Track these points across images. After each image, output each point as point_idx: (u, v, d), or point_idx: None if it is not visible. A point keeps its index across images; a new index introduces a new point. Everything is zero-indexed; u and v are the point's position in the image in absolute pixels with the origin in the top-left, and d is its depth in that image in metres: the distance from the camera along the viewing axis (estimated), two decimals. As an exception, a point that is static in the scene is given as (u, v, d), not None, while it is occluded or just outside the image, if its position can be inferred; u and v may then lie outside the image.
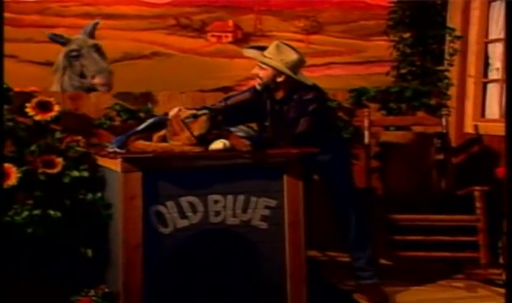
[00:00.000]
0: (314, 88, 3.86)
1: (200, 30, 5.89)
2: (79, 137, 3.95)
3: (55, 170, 3.68)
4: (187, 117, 3.50)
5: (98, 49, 4.64)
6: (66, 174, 3.70)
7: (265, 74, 3.81)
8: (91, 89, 4.50)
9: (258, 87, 3.87)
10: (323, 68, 6.12)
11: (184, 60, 5.86)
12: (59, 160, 3.72)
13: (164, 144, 3.45)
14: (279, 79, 3.80)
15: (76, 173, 3.71)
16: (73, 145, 3.88)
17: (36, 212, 3.53)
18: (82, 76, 4.56)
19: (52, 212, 3.55)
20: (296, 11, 6.15)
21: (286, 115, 3.83)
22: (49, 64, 5.75)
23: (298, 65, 3.83)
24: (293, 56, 3.80)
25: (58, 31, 5.81)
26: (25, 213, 3.53)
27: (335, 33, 6.14)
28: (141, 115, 4.20)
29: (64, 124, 3.95)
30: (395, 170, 4.48)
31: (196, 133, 3.46)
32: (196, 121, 3.49)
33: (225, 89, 5.53)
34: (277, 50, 3.80)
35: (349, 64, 6.10)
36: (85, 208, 3.66)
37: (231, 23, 6.00)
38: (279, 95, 3.86)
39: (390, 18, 5.26)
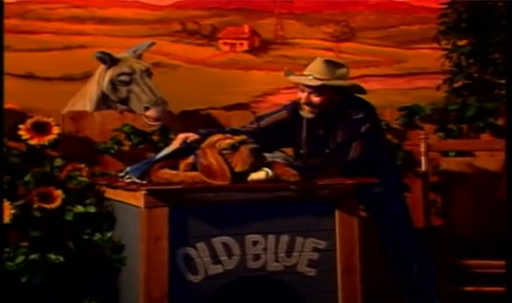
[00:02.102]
0: (363, 104, 3.82)
1: (210, 37, 5.90)
2: (82, 165, 3.90)
3: (53, 205, 3.65)
4: (225, 149, 3.39)
5: (150, 74, 4.49)
6: (68, 210, 3.66)
7: (322, 100, 3.73)
8: None
9: (310, 115, 3.78)
10: (356, 81, 6.11)
11: (191, 72, 5.87)
12: (58, 192, 3.68)
13: (194, 174, 3.37)
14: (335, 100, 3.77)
15: (80, 209, 3.69)
16: (75, 174, 3.84)
17: (33, 256, 3.48)
18: (123, 102, 4.40)
19: (52, 256, 3.50)
20: (324, 15, 6.16)
21: (332, 139, 3.77)
22: (30, 76, 5.74)
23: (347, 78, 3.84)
24: (344, 69, 3.80)
25: (42, 37, 5.82)
26: (20, 258, 3.47)
27: (371, 40, 6.17)
28: (155, 138, 4.14)
29: (64, 149, 3.91)
30: (459, 204, 4.39)
31: (238, 169, 3.36)
32: (236, 154, 3.38)
33: (239, 106, 5.51)
34: (327, 67, 3.74)
35: (387, 76, 6.11)
36: (91, 251, 3.62)
37: (246, 28, 6.02)
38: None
39: (442, 23, 5.26)
